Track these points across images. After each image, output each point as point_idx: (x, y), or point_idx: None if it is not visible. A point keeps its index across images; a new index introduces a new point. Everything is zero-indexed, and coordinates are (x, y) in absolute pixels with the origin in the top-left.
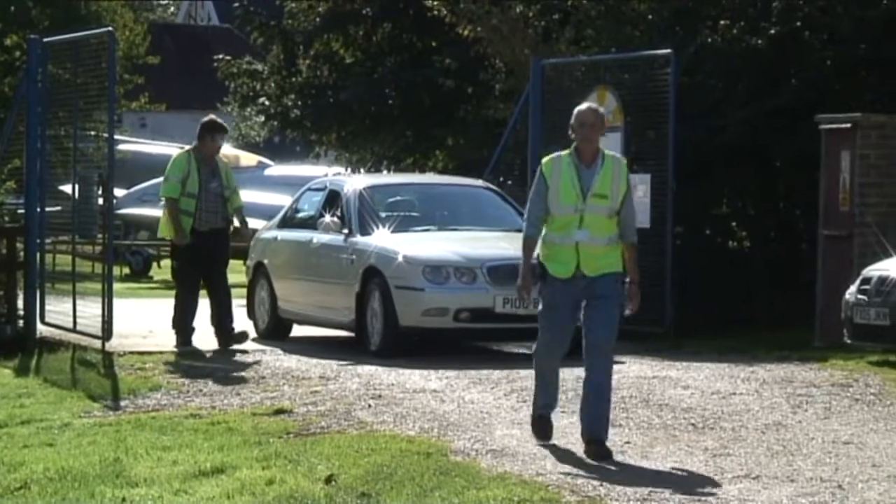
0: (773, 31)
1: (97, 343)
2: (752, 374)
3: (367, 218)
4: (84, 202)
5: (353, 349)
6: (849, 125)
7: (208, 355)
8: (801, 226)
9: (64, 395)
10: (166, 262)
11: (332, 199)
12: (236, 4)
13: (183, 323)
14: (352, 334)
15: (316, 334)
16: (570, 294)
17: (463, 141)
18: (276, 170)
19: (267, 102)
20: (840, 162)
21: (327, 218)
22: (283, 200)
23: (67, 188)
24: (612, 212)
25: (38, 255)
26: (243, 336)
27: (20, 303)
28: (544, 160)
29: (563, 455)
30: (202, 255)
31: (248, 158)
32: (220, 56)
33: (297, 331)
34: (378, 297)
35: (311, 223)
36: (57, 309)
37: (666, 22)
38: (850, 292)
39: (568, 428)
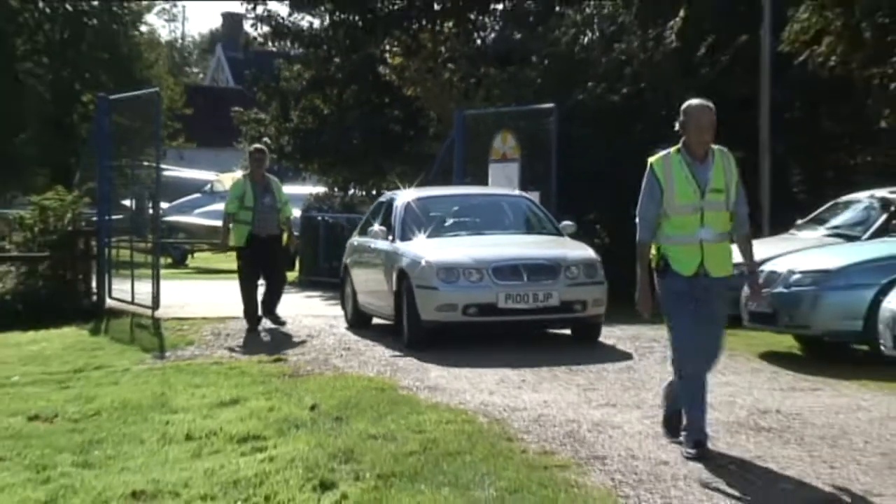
0: (624, 91)
1: (148, 311)
2: (610, 332)
3: (408, 226)
4: (138, 212)
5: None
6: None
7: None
8: None
9: (125, 348)
10: (199, 255)
11: (389, 209)
12: (246, 72)
13: (249, 312)
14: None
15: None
16: (693, 289)
17: (407, 169)
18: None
19: (268, 141)
20: None
21: (375, 227)
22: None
23: (127, 202)
24: (728, 206)
25: (105, 249)
26: (282, 322)
27: (94, 283)
28: (652, 160)
29: (480, 390)
30: (260, 256)
31: None
32: (235, 108)
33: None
34: (406, 296)
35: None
36: (120, 287)
37: (550, 85)
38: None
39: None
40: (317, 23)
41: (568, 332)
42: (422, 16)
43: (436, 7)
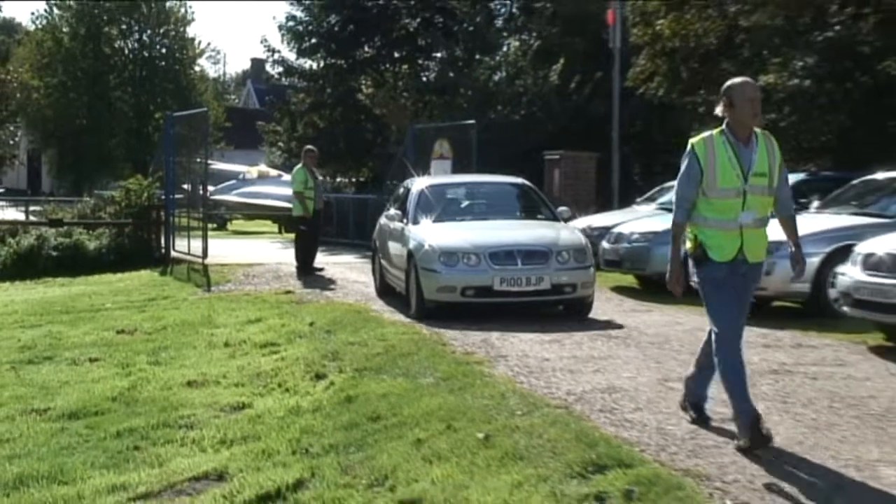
0: (522, 112)
1: (199, 260)
2: None
3: (419, 210)
4: (193, 193)
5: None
6: (557, 156)
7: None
8: None
9: (183, 285)
10: (236, 222)
11: (406, 195)
12: (267, 98)
13: (307, 261)
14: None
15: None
16: (731, 276)
17: (375, 164)
18: (285, 178)
19: (282, 146)
20: (553, 175)
21: (392, 210)
22: (288, 191)
23: (185, 186)
24: (771, 190)
25: (170, 218)
26: (318, 270)
27: (162, 241)
28: (694, 140)
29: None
30: (318, 222)
31: (273, 172)
32: (260, 123)
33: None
34: (414, 274)
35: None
36: (180, 244)
37: (472, 108)
38: (605, 240)
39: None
40: (315, 65)
41: None
42: (386, 61)
43: (395, 55)
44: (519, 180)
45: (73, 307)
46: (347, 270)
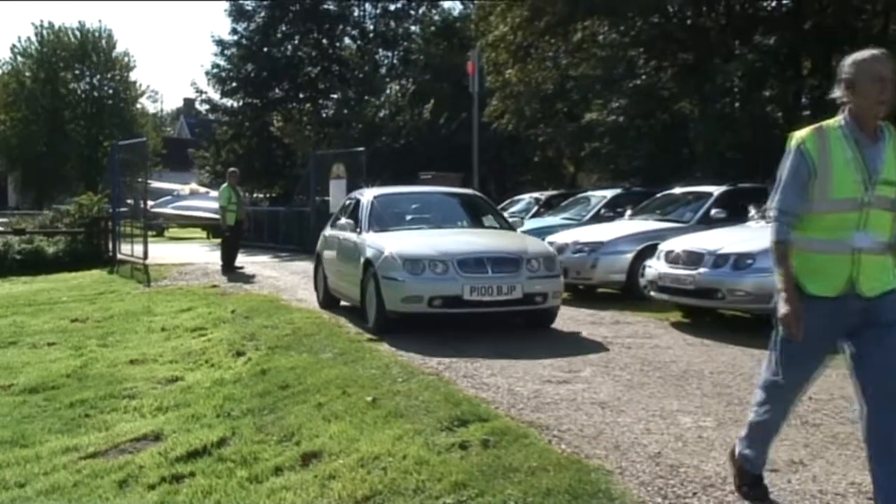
0: (403, 142)
1: (141, 261)
2: None
3: (373, 220)
4: (136, 206)
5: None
6: (430, 176)
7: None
8: None
9: (127, 281)
10: (172, 230)
11: (357, 205)
12: (197, 129)
13: (229, 261)
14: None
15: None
16: (834, 319)
17: (286, 183)
18: (213, 194)
19: (209, 168)
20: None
21: (343, 220)
22: (215, 205)
23: (129, 201)
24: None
25: (117, 227)
26: (238, 268)
27: (110, 246)
28: (803, 134)
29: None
30: (239, 230)
31: (202, 189)
32: (191, 149)
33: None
34: (373, 284)
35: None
36: (125, 248)
37: (362, 139)
38: None
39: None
40: (235, 103)
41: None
42: (293, 100)
43: (300, 96)
44: (470, 191)
45: (34, 300)
46: (262, 268)
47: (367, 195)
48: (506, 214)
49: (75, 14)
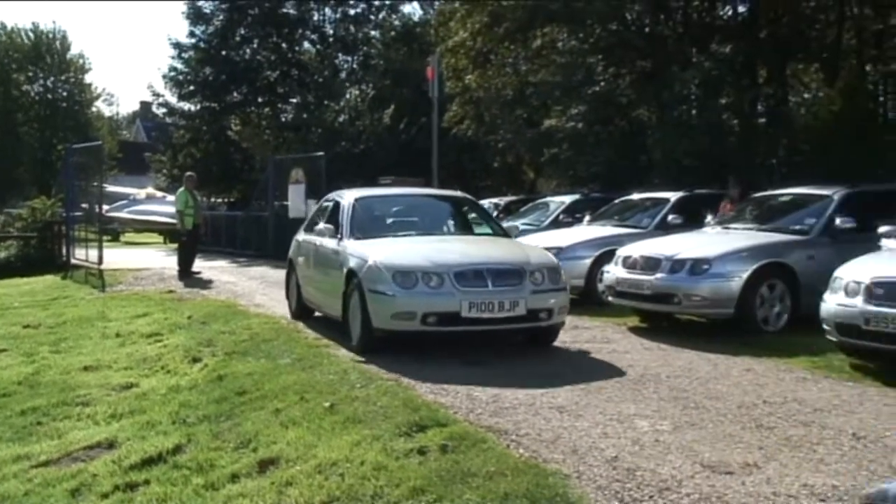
0: (362, 147)
1: (96, 266)
2: None
3: (355, 225)
4: (91, 210)
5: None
6: (390, 181)
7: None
8: None
9: (81, 286)
10: (127, 235)
11: (336, 208)
12: (153, 133)
13: (186, 266)
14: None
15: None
16: None
17: (244, 188)
18: (169, 198)
19: (166, 172)
20: None
21: (321, 224)
22: (172, 209)
23: (84, 205)
24: None
25: (71, 231)
26: (196, 273)
27: (64, 251)
28: None
29: (284, 308)
30: (196, 234)
31: (159, 194)
32: (147, 153)
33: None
34: (357, 297)
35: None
36: (79, 253)
37: (322, 143)
38: None
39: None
40: (192, 107)
41: None
42: (252, 104)
43: (259, 100)
44: (460, 194)
45: None
46: (220, 273)
47: (347, 197)
48: None
49: (28, 15)
